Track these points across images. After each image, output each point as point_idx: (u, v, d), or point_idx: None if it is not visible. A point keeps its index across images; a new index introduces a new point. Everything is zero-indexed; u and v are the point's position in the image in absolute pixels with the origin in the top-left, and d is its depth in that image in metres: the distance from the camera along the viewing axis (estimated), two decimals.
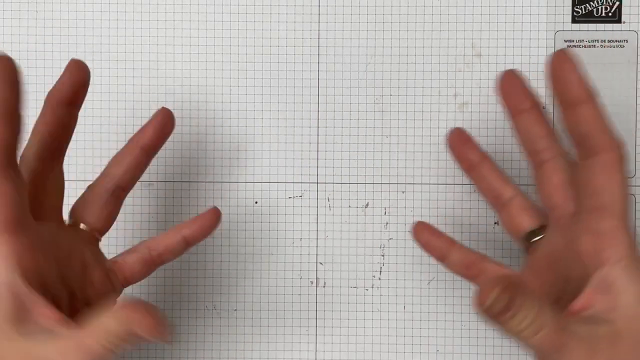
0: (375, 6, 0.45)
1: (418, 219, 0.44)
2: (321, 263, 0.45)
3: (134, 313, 0.29)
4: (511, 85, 0.37)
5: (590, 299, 0.31)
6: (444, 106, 0.44)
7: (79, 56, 0.44)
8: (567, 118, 0.33)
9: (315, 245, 0.45)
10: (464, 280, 0.39)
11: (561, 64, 0.33)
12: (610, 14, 0.44)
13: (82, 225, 0.37)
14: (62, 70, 0.36)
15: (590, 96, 0.33)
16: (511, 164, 0.44)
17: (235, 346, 0.45)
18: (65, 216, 0.38)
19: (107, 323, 0.29)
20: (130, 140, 0.39)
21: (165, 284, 0.45)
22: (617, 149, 0.32)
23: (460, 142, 0.40)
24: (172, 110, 0.39)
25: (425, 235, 0.40)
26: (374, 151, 0.45)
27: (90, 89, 0.45)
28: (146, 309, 0.29)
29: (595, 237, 0.32)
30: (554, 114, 0.44)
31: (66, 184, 0.44)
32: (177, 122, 0.45)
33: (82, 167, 0.45)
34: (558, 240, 0.35)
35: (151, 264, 0.38)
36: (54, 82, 0.36)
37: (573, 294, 0.32)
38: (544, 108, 0.44)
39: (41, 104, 0.44)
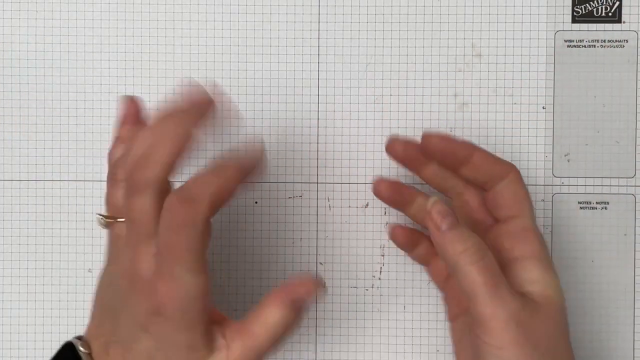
0: (375, 6, 0.44)
1: None
2: (321, 263, 0.45)
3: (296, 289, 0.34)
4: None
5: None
6: (444, 106, 0.45)
7: (79, 56, 0.45)
8: (465, 171, 0.39)
9: (315, 245, 0.45)
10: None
11: (434, 141, 0.39)
12: (610, 14, 0.44)
13: None
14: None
15: (471, 146, 0.39)
16: None
17: None
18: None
19: (268, 314, 0.34)
20: None
21: None
22: (513, 170, 0.39)
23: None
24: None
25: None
26: (374, 151, 0.45)
27: (90, 89, 0.45)
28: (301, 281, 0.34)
29: (511, 238, 0.38)
30: (554, 114, 0.44)
31: (65, 183, 0.45)
32: None
33: (81, 167, 0.45)
34: None
35: None
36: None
37: None
38: (543, 108, 0.44)
39: (40, 103, 0.45)
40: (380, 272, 0.44)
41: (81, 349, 0.34)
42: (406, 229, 0.43)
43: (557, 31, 0.44)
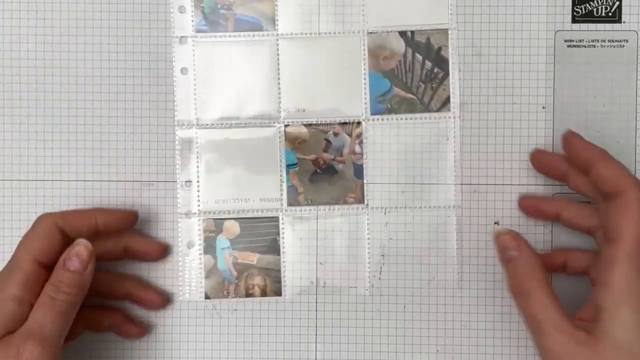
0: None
1: (418, 218, 0.44)
2: (321, 263, 0.45)
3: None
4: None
5: (583, 314, 0.39)
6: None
7: (79, 56, 0.45)
8: (591, 178, 0.39)
9: (315, 245, 0.45)
10: None
11: (569, 143, 0.40)
12: (610, 14, 0.44)
13: None
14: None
15: (600, 154, 0.39)
16: (511, 164, 0.44)
17: (235, 346, 0.45)
18: None
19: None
20: None
21: (166, 284, 0.45)
22: (634, 189, 0.37)
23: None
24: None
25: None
26: (374, 151, 0.45)
27: (90, 88, 0.45)
28: None
29: (603, 262, 0.37)
30: (554, 114, 0.44)
31: (65, 183, 0.45)
32: (177, 122, 0.45)
33: (81, 167, 0.45)
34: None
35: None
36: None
37: None
38: (543, 108, 0.44)
39: (40, 103, 0.45)
40: (380, 272, 0.44)
41: None
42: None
43: (557, 31, 0.44)
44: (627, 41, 0.44)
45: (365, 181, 0.45)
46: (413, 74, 0.44)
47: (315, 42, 0.44)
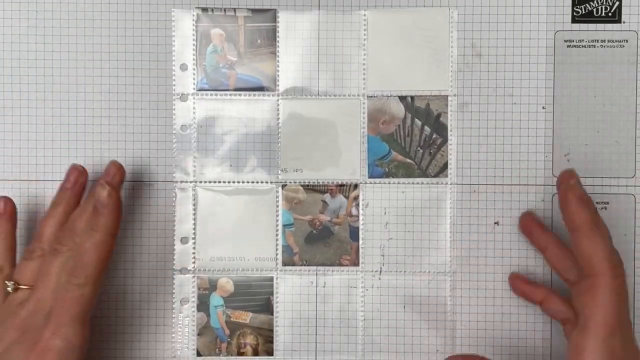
0: (376, 6, 0.45)
1: (418, 218, 0.44)
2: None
3: None
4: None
5: None
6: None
7: (79, 56, 0.45)
8: (572, 242, 0.39)
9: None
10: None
11: (565, 193, 0.40)
12: (610, 14, 0.44)
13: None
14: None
15: (587, 223, 0.38)
16: (511, 164, 0.44)
17: None
18: None
19: None
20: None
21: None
22: (606, 275, 0.37)
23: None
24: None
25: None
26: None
27: (90, 89, 0.45)
28: None
29: (572, 350, 0.38)
30: (553, 114, 0.44)
31: None
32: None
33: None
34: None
35: None
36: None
37: None
38: (543, 108, 0.44)
39: (40, 103, 0.45)
40: (380, 272, 0.45)
41: None
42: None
43: (557, 31, 0.44)
44: (627, 41, 0.44)
45: (361, 244, 0.45)
46: (412, 138, 0.44)
47: (315, 103, 0.44)
